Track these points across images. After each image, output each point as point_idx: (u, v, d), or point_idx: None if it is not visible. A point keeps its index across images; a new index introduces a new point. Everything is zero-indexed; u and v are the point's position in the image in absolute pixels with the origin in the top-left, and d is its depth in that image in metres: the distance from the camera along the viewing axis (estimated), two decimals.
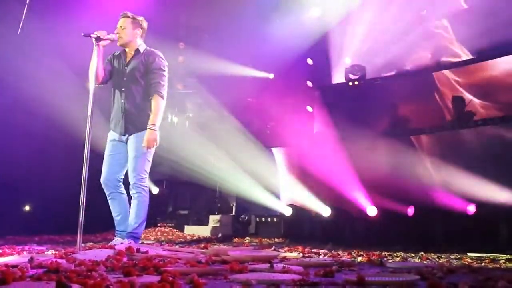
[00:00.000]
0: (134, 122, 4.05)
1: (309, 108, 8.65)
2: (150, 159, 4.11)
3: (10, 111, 5.94)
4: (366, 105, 7.65)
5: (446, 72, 7.20)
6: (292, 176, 7.41)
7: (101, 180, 4.12)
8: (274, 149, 7.88)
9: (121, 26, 4.07)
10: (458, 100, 6.63)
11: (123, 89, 4.10)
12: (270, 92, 8.85)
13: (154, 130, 3.96)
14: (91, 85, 3.80)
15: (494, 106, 6.57)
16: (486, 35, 6.52)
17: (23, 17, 6.07)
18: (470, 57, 7.06)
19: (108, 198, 4.15)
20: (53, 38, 6.11)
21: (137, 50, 4.12)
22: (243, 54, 7.81)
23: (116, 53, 4.22)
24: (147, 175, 4.09)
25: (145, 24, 4.18)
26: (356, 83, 7.84)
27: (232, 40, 7.88)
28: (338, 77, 8.44)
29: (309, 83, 8.73)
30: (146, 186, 4.08)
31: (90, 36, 3.79)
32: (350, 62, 8.20)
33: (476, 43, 6.83)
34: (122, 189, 4.14)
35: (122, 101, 4.09)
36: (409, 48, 7.43)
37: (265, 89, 8.78)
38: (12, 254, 3.42)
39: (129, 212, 4.09)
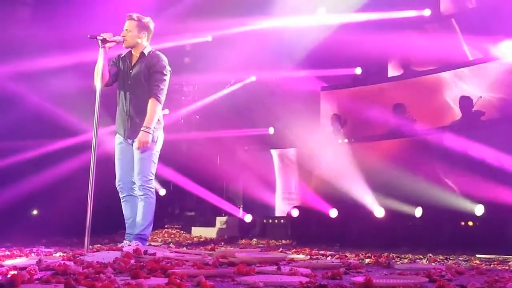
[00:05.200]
0: (139, 125, 4.01)
1: (316, 108, 8.63)
2: (156, 160, 4.10)
3: (17, 114, 5.97)
4: (373, 104, 7.63)
5: (454, 71, 7.16)
6: (298, 177, 7.39)
7: (116, 184, 4.13)
8: (274, 151, 7.87)
9: (126, 29, 4.06)
10: (466, 100, 6.59)
11: (128, 92, 4.09)
12: (276, 92, 8.85)
13: (147, 132, 3.95)
14: (97, 87, 3.81)
15: (502, 106, 6.52)
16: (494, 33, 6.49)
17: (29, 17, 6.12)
18: (478, 56, 7.01)
19: (122, 201, 4.14)
20: (59, 39, 6.12)
21: (142, 53, 4.10)
22: (249, 54, 7.79)
23: (122, 55, 4.22)
24: (153, 177, 4.08)
25: (151, 25, 4.16)
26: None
27: (235, 41, 7.86)
28: (345, 77, 8.40)
29: (316, 83, 8.71)
30: (152, 188, 4.07)
31: (96, 38, 3.78)
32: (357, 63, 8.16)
33: (484, 42, 6.78)
34: (137, 192, 4.14)
35: (127, 104, 4.08)
36: (415, 48, 7.38)
37: (270, 90, 8.77)
38: (20, 256, 3.43)
39: None
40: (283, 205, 7.43)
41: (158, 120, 4.08)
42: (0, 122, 5.81)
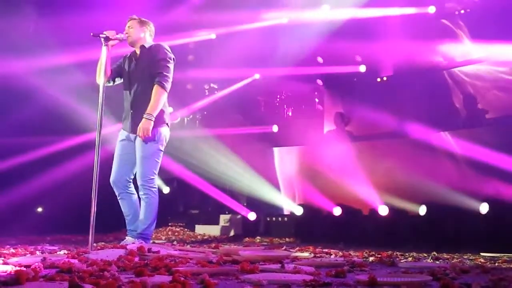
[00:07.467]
0: (142, 116, 3.96)
1: (319, 107, 8.63)
2: (159, 159, 4.06)
3: (22, 112, 5.99)
4: (378, 103, 7.61)
5: (459, 69, 7.13)
6: (302, 176, 7.38)
7: (111, 180, 4.11)
8: (278, 149, 7.85)
9: (129, 27, 4.09)
10: (470, 98, 6.56)
11: (132, 87, 4.08)
12: (280, 90, 8.84)
13: (149, 119, 3.89)
14: (100, 84, 3.81)
15: (507, 104, 6.50)
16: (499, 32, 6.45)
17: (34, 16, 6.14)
18: (483, 54, 6.98)
19: (118, 198, 4.14)
20: (62, 37, 6.14)
21: (143, 46, 4.10)
22: (252, 52, 7.78)
23: (127, 55, 4.23)
24: (155, 176, 4.05)
25: (152, 27, 4.18)
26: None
27: (238, 39, 7.86)
28: (349, 75, 8.37)
29: (319, 81, 8.70)
30: (154, 187, 4.04)
31: (99, 36, 3.79)
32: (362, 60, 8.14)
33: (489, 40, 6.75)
34: (132, 189, 4.13)
35: (131, 99, 4.08)
36: (422, 46, 7.35)
37: (274, 87, 8.77)
38: (25, 254, 3.45)
39: (139, 212, 4.08)
40: (287, 203, 7.43)
41: (164, 117, 4.06)
42: (3, 120, 5.84)
